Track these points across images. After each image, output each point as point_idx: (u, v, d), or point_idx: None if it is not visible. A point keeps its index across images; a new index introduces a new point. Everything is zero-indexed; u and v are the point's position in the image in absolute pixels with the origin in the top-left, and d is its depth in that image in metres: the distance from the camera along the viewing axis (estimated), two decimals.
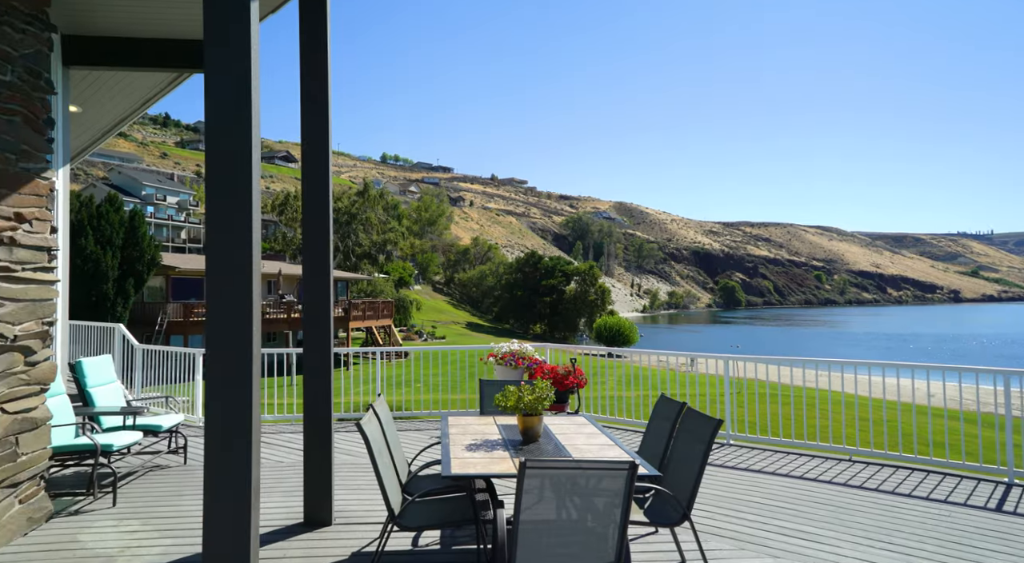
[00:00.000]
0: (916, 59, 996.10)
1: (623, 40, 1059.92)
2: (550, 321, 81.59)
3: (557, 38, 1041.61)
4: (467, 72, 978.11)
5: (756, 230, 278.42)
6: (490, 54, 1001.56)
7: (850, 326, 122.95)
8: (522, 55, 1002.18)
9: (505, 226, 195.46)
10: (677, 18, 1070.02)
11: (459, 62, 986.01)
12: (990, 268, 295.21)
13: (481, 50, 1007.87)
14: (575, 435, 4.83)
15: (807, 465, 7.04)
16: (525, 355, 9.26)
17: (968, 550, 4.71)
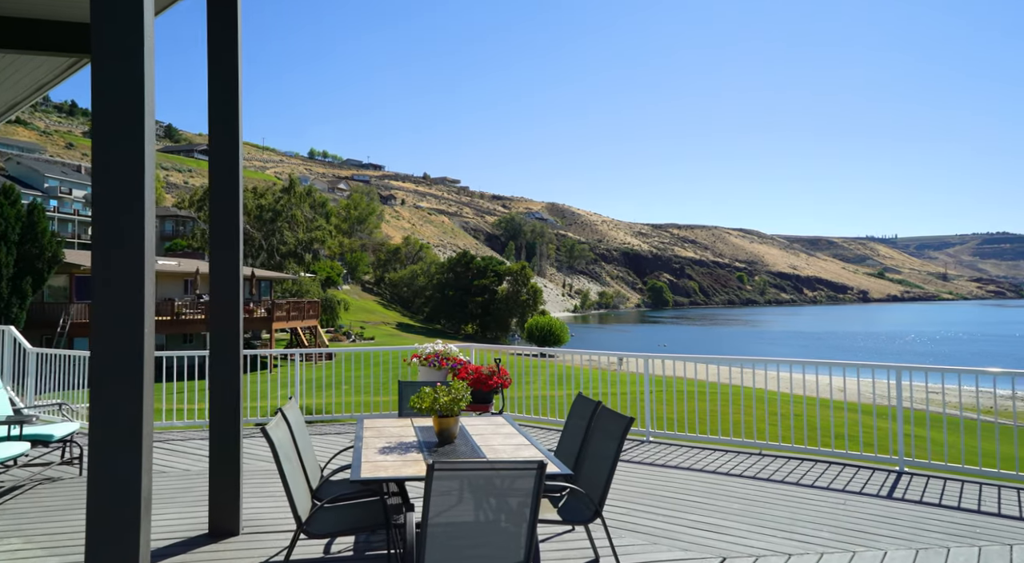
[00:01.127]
0: (829, 70, 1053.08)
1: (555, 40, 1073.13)
2: (482, 321, 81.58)
3: (486, 38, 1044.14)
4: (399, 69, 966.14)
5: (683, 232, 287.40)
6: (421, 51, 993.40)
7: (769, 325, 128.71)
8: (454, 54, 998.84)
9: (437, 225, 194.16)
10: (609, 18, 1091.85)
11: (390, 59, 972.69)
12: (894, 270, 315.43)
13: (412, 47, 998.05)
14: (492, 436, 4.80)
15: (721, 460, 7.28)
16: (449, 356, 9.19)
17: (861, 535, 4.97)
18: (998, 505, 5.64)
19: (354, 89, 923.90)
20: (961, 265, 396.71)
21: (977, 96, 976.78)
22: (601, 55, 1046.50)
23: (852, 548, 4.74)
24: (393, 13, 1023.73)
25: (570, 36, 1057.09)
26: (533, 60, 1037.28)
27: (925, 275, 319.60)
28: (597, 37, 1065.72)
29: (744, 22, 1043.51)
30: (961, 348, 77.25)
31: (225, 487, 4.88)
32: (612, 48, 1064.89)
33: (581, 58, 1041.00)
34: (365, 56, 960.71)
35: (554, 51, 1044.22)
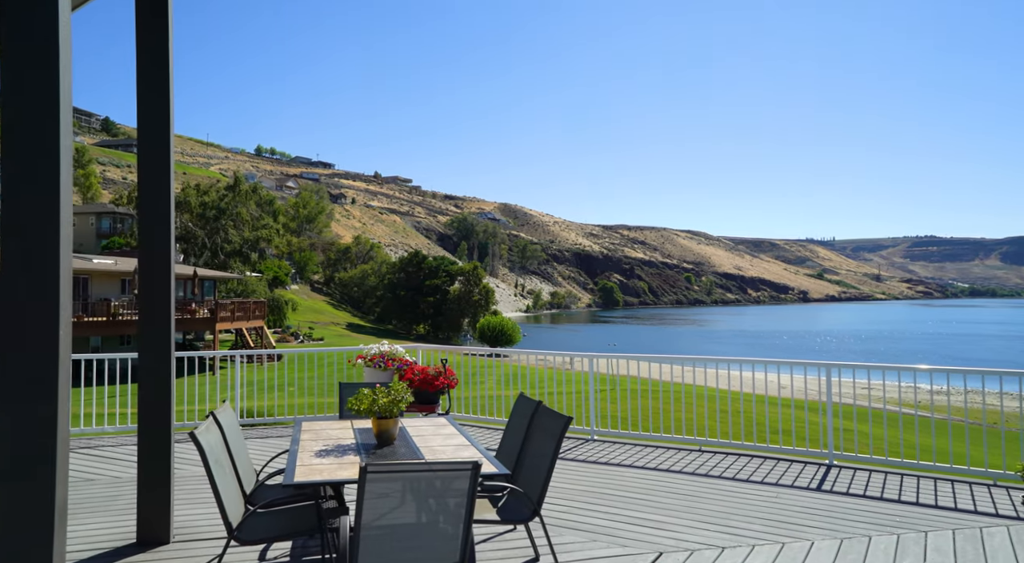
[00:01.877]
0: (773, 79, 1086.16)
1: (510, 42, 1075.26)
2: (434, 321, 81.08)
3: (439, 38, 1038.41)
4: (350, 67, 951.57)
5: (632, 233, 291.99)
6: (373, 49, 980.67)
7: (715, 325, 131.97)
8: (405, 54, 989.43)
9: (389, 225, 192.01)
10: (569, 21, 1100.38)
11: (340, 56, 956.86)
12: (832, 271, 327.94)
13: (364, 44, 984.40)
14: (433, 437, 4.79)
15: (662, 457, 7.43)
16: (395, 356, 9.11)
17: (791, 527, 5.16)
18: (916, 494, 5.94)
19: (304, 86, 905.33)
20: (893, 267, 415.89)
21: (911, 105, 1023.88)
22: (552, 57, 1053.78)
23: (782, 539, 4.91)
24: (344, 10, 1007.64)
25: (523, 36, 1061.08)
26: (483, 61, 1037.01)
27: (860, 276, 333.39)
28: (550, 39, 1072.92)
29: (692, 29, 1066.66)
30: (892, 346, 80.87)
31: (155, 494, 4.72)
32: (563, 50, 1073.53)
33: (532, 59, 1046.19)
34: (316, 53, 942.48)
35: (503, 52, 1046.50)
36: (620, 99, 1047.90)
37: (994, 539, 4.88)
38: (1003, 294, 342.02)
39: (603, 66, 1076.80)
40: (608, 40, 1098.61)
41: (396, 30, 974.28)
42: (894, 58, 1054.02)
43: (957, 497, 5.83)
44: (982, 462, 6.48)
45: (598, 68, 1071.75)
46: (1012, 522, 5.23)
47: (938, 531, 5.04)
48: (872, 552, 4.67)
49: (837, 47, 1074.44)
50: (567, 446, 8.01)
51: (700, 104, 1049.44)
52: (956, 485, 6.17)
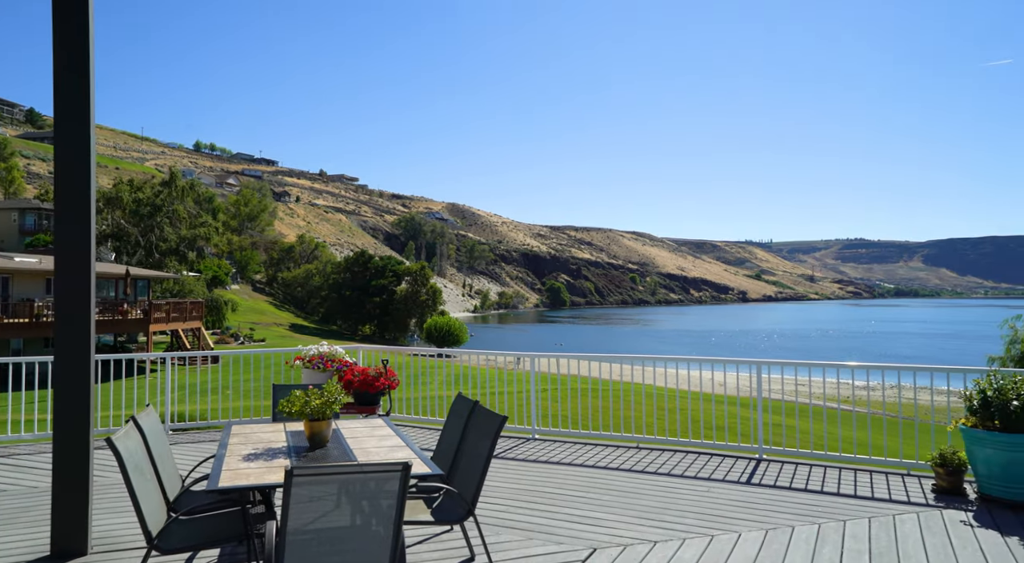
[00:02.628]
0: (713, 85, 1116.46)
1: (457, 42, 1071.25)
2: (380, 322, 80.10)
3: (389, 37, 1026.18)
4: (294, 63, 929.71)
5: (579, 234, 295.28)
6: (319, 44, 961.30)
7: (659, 324, 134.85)
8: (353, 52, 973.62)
9: (334, 224, 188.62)
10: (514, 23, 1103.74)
11: (284, 51, 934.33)
12: (770, 272, 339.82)
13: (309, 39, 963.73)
14: (368, 438, 4.74)
15: (601, 454, 7.54)
16: (335, 357, 8.96)
17: (720, 520, 5.32)
18: (837, 485, 6.21)
19: (246, 81, 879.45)
20: (826, 268, 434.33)
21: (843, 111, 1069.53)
22: (499, 58, 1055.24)
23: (711, 532, 5.06)
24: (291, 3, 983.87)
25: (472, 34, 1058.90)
26: (434, 62, 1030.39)
27: (796, 277, 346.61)
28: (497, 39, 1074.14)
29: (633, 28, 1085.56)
30: (824, 344, 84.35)
31: (71, 504, 4.51)
32: (509, 51, 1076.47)
33: (480, 59, 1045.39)
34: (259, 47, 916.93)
35: (454, 53, 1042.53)
36: (567, 102, 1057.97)
37: (905, 525, 5.15)
38: (924, 294, 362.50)
39: (549, 69, 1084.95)
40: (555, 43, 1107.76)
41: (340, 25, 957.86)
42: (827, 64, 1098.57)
43: (875, 487, 6.13)
44: (900, 453, 6.82)
45: (544, 70, 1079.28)
46: (922, 508, 5.53)
47: (855, 519, 5.29)
48: (794, 542, 4.86)
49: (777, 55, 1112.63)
50: (507, 445, 8.05)
51: (645, 109, 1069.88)
52: (874, 476, 6.48)
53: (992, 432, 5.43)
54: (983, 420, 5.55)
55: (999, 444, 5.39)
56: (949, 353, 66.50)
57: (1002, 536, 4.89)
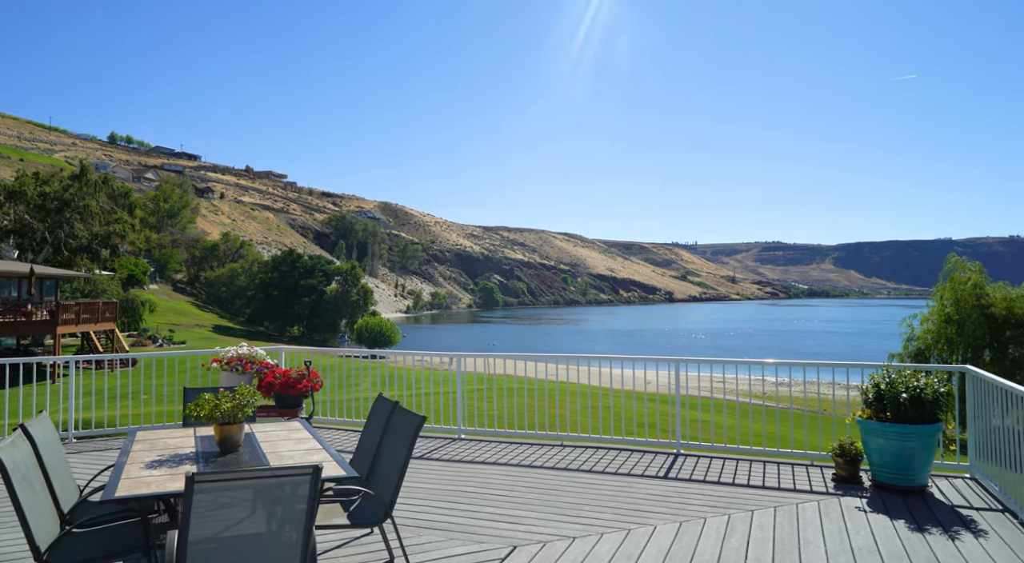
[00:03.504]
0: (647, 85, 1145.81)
1: (380, 37, 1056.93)
2: (309, 322, 78.21)
3: (318, 29, 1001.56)
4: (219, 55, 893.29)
5: (513, 235, 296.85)
6: (244, 37, 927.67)
7: (589, 324, 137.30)
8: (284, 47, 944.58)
9: (261, 222, 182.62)
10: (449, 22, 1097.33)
11: (208, 43, 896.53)
12: (694, 273, 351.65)
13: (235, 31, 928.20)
14: (283, 442, 4.62)
15: (525, 453, 7.62)
16: (255, 359, 8.70)
17: (637, 514, 5.47)
18: (748, 477, 6.50)
19: (166, 72, 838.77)
20: (746, 269, 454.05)
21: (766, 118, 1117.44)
22: (430, 57, 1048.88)
23: (628, 526, 5.20)
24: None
25: (397, 32, 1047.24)
26: (362, 58, 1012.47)
27: (719, 278, 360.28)
28: (424, 39, 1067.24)
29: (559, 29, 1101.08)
30: (743, 342, 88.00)
31: None
32: (433, 50, 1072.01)
33: (411, 59, 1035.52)
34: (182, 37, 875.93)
35: (380, 49, 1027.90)
36: (499, 103, 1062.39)
37: (806, 513, 5.44)
38: (835, 295, 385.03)
39: (480, 69, 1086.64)
40: (489, 45, 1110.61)
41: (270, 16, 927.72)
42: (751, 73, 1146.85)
43: (781, 478, 6.45)
44: (805, 445, 7.20)
45: (474, 71, 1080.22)
46: (822, 497, 5.86)
47: (762, 509, 5.55)
48: (706, 532, 5.05)
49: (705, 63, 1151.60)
50: (433, 446, 8.03)
51: (575, 112, 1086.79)
52: (781, 467, 6.81)
53: (884, 423, 5.81)
54: (877, 412, 5.93)
55: (890, 434, 5.77)
56: (855, 350, 70.62)
57: (891, 520, 5.24)
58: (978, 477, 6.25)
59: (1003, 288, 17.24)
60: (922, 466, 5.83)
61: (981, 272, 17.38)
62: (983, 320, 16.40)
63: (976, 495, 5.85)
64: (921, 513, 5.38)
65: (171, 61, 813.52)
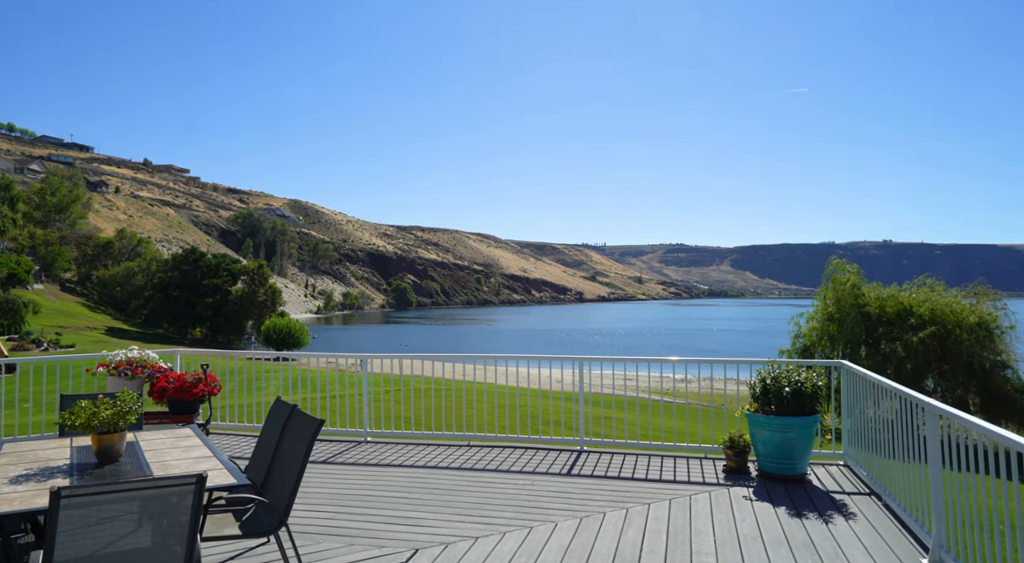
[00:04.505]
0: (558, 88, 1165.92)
1: (300, 33, 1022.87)
2: (212, 324, 74.51)
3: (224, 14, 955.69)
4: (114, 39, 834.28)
5: (426, 235, 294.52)
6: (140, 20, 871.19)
7: (502, 324, 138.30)
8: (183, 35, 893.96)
9: (161, 218, 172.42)
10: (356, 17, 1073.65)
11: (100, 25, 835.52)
12: (603, 274, 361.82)
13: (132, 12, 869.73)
14: (171, 450, 4.40)
15: (432, 454, 7.59)
16: (146, 363, 8.21)
17: (539, 512, 5.57)
18: (646, 471, 6.76)
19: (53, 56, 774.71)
20: (652, 270, 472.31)
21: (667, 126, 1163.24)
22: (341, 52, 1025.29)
23: (530, 524, 5.28)
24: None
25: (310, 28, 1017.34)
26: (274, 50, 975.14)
27: (626, 279, 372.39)
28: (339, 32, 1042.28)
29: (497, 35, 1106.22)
30: (648, 340, 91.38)
31: None
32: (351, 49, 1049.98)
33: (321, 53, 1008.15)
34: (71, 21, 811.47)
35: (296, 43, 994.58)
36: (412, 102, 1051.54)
37: (698, 504, 5.72)
38: (732, 295, 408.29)
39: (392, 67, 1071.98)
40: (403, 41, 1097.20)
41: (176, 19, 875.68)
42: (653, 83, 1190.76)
43: (677, 471, 6.75)
44: (700, 438, 7.56)
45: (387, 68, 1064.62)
46: (713, 488, 6.18)
47: (658, 502, 5.79)
48: (605, 526, 5.21)
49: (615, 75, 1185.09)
50: (338, 450, 7.86)
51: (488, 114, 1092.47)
52: (678, 461, 7.13)
53: (769, 416, 6.20)
54: (763, 406, 6.32)
55: (774, 426, 6.16)
56: (750, 347, 74.68)
57: (773, 507, 5.60)
58: (850, 464, 6.78)
59: (876, 288, 18.76)
60: (802, 455, 6.26)
61: (859, 273, 18.82)
62: (860, 318, 17.77)
63: (848, 481, 6.34)
64: (800, 499, 5.78)
65: (55, 44, 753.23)
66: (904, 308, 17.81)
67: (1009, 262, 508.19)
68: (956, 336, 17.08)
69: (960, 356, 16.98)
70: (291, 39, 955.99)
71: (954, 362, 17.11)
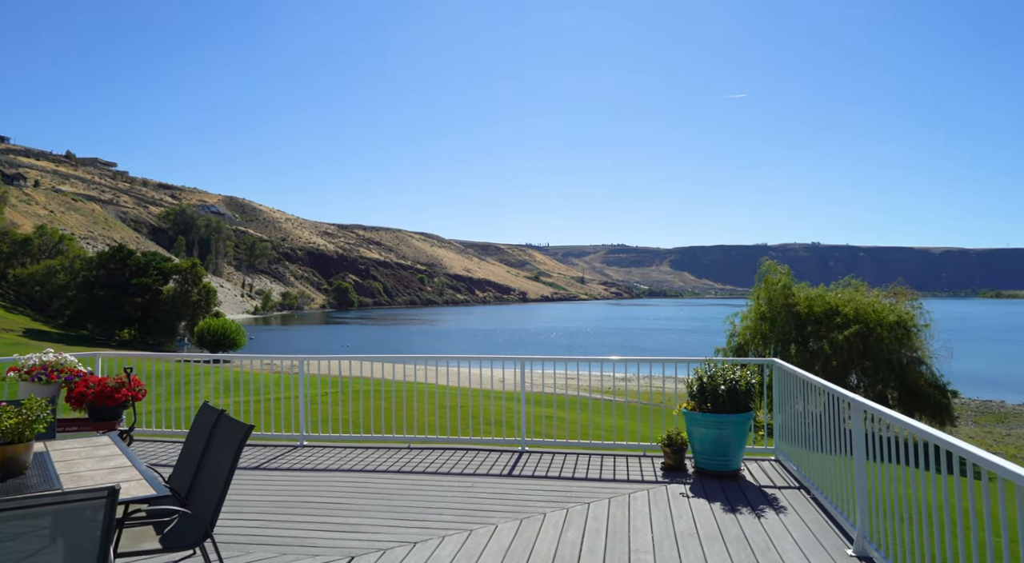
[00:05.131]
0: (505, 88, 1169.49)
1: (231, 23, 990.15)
2: (142, 325, 71.33)
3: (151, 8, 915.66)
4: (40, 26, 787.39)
5: (368, 234, 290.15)
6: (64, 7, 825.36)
7: (445, 324, 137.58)
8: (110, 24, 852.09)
9: (85, 214, 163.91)
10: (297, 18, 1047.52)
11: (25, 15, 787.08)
12: (547, 274, 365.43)
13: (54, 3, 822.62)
14: (85, 460, 4.13)
15: (370, 457, 7.42)
16: (63, 367, 7.74)
17: (479, 514, 5.51)
18: (586, 470, 6.80)
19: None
20: (594, 270, 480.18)
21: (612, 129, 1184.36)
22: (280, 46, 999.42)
23: (470, 527, 5.21)
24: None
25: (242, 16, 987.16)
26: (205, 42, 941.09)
27: (569, 279, 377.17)
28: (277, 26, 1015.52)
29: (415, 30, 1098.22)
30: (590, 340, 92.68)
31: None
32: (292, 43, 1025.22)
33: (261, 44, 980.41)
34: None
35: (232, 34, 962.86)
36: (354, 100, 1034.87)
37: (637, 502, 5.78)
38: (671, 294, 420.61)
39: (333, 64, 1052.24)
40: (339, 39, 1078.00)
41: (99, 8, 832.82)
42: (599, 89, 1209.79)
43: (616, 470, 6.81)
44: (639, 436, 7.66)
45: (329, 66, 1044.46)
46: (651, 485, 6.26)
47: (598, 501, 5.82)
48: (545, 527, 5.20)
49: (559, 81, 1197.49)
50: (272, 455, 7.60)
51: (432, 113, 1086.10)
52: (617, 459, 7.20)
53: (706, 414, 6.33)
54: (700, 403, 6.44)
55: (710, 423, 6.29)
56: (689, 346, 76.62)
57: (709, 503, 5.71)
58: (781, 459, 6.99)
59: (805, 288, 19.56)
60: (736, 452, 6.41)
61: (789, 274, 19.58)
62: (790, 317, 18.48)
63: (779, 475, 6.54)
64: (735, 495, 5.91)
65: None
66: (831, 307, 18.61)
67: (923, 264, 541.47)
68: (877, 334, 17.96)
69: (881, 353, 17.87)
70: (221, 29, 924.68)
71: (875, 359, 17.99)
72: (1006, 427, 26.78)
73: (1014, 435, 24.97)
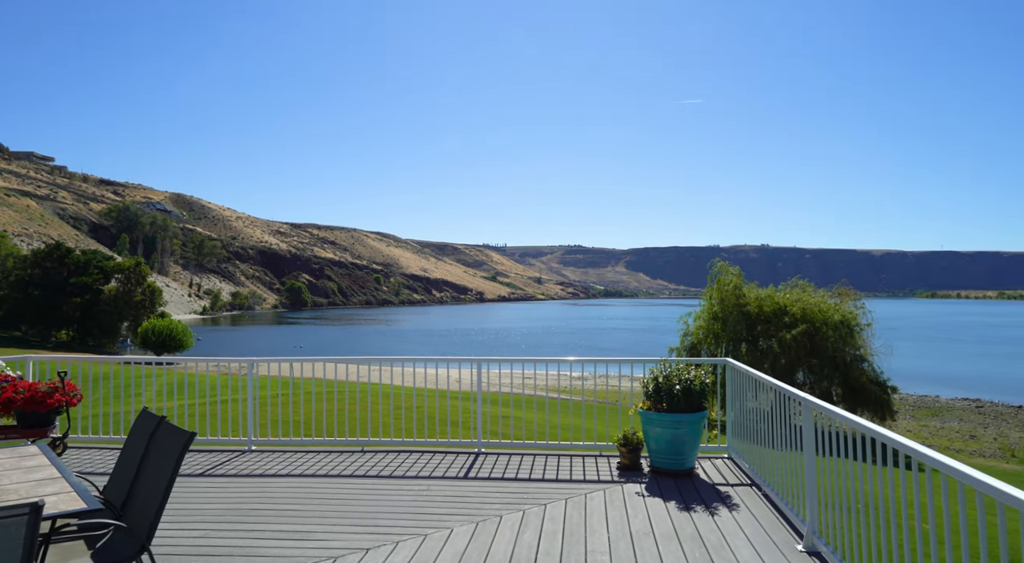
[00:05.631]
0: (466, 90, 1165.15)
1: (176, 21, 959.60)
2: (81, 326, 68.50)
3: None
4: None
5: (323, 233, 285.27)
6: None
7: (402, 324, 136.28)
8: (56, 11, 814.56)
9: (20, 210, 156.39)
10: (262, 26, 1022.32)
11: None
12: (504, 274, 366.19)
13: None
14: (9, 472, 3.87)
15: (322, 462, 7.21)
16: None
17: (434, 518, 5.40)
18: (543, 471, 6.75)
19: None
20: (551, 271, 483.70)
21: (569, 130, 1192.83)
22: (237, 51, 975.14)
23: (425, 531, 5.10)
24: None
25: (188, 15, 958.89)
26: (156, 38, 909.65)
27: (526, 279, 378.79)
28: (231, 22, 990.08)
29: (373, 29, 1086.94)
30: (547, 340, 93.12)
31: None
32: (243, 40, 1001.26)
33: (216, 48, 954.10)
34: None
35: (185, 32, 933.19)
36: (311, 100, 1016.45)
37: (593, 502, 5.76)
38: (627, 295, 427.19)
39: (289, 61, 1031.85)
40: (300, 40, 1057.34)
41: None
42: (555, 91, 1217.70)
43: (573, 470, 6.78)
44: (595, 436, 7.65)
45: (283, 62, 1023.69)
46: (608, 485, 6.25)
47: (555, 502, 5.77)
48: (501, 530, 5.12)
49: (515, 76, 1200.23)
50: (219, 460, 7.32)
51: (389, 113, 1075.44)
52: (574, 459, 7.18)
53: (661, 413, 6.35)
54: (655, 403, 6.47)
55: (665, 423, 6.32)
56: (644, 346, 77.79)
57: (664, 502, 5.73)
58: (733, 456, 7.09)
59: (755, 289, 20.04)
60: (691, 450, 6.46)
61: (740, 275, 20.02)
62: (741, 317, 18.89)
63: (732, 473, 6.62)
64: (689, 493, 5.95)
65: None
66: (780, 307, 19.10)
67: (865, 265, 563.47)
68: (823, 333, 18.51)
69: (827, 351, 18.43)
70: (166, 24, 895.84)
71: (821, 357, 18.55)
72: (940, 421, 28.02)
73: (947, 429, 26.14)
